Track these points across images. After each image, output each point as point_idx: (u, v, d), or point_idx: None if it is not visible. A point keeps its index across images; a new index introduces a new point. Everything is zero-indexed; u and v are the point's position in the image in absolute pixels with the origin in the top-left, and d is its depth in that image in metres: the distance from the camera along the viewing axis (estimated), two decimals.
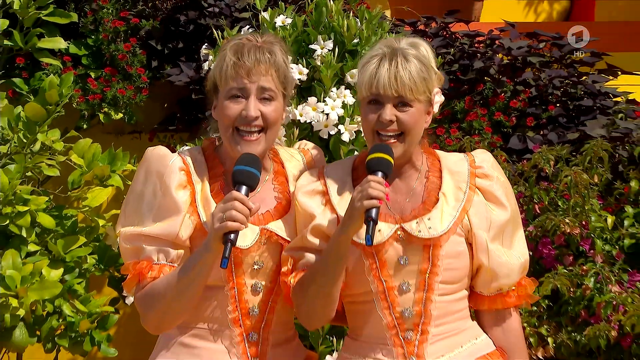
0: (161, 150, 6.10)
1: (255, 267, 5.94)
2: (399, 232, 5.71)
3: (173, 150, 6.14)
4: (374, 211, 5.40)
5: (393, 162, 5.58)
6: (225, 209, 5.50)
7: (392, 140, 5.63)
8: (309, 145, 6.59)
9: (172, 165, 5.90)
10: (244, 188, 5.54)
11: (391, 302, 5.83)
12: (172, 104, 9.91)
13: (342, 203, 5.75)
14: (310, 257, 5.77)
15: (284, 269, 5.90)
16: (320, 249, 5.77)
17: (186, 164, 6.00)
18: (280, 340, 6.06)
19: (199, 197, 5.95)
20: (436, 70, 5.92)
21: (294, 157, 6.35)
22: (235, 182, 5.63)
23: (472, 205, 5.86)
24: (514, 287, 5.98)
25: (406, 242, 5.73)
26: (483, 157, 5.97)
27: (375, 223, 5.47)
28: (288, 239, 5.94)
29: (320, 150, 6.63)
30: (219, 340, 5.97)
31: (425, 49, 5.84)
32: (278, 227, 5.93)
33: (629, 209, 9.11)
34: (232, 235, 5.47)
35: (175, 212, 5.84)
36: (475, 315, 6.11)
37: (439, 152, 6.18)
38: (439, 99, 6.29)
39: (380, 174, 5.45)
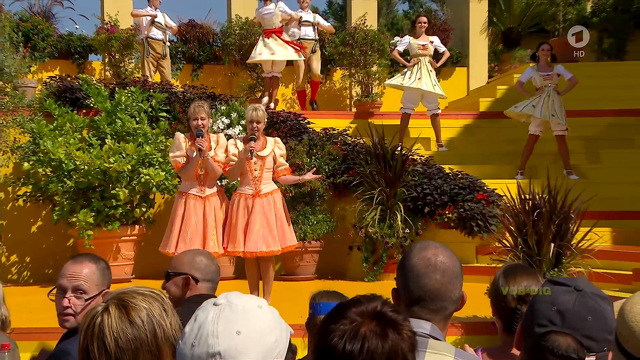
0: (179, 132, 7.79)
1: (201, 169, 7.45)
2: (255, 155, 7.33)
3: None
4: (252, 151, 7.20)
5: (256, 138, 7.18)
6: (198, 142, 7.20)
7: (257, 132, 7.30)
8: (221, 134, 7.91)
9: (181, 135, 7.53)
10: (202, 135, 7.22)
11: (251, 173, 7.49)
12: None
13: (240, 147, 7.39)
14: (232, 162, 7.41)
15: (225, 167, 7.51)
16: (235, 160, 7.40)
17: (185, 137, 7.48)
18: (212, 184, 7.56)
19: (188, 146, 7.37)
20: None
21: (214, 136, 7.66)
22: (197, 135, 7.27)
23: (274, 148, 7.53)
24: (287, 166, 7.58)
25: (257, 157, 7.43)
26: (277, 139, 7.76)
27: (252, 153, 7.29)
28: (209, 156, 7.35)
29: (223, 136, 7.89)
30: (192, 183, 7.50)
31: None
32: (210, 154, 7.36)
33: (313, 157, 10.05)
34: (201, 147, 7.22)
35: (183, 149, 7.39)
36: (280, 178, 7.60)
37: (266, 137, 7.60)
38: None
39: (253, 141, 7.26)
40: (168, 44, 12.62)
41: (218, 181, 7.77)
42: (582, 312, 1.98)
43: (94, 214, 9.72)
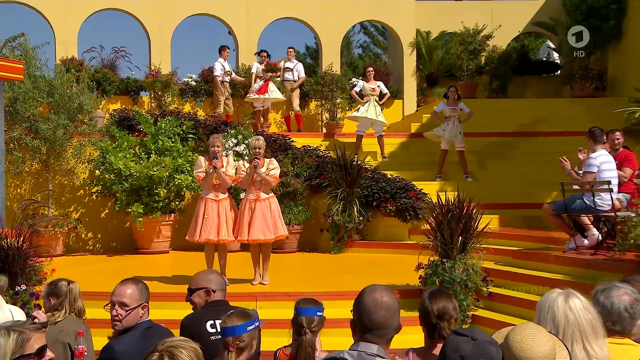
0: (201, 156, 7.04)
1: (216, 180, 6.80)
2: (257, 173, 6.64)
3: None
4: (257, 166, 6.54)
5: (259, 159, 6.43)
6: (214, 162, 6.56)
7: (259, 155, 6.52)
8: (230, 156, 7.19)
9: (202, 158, 6.86)
10: (217, 158, 6.62)
11: (254, 184, 6.77)
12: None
13: (247, 166, 6.68)
14: (243, 176, 6.71)
15: (233, 180, 6.74)
16: (245, 175, 6.66)
17: (205, 158, 6.81)
18: (224, 191, 6.86)
19: (207, 165, 6.72)
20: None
21: (225, 157, 6.91)
22: (213, 158, 6.65)
23: (268, 165, 6.66)
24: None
25: (257, 174, 6.66)
26: (272, 159, 6.74)
27: (257, 167, 6.59)
28: (222, 171, 6.65)
29: (232, 157, 7.22)
30: (210, 190, 6.83)
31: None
32: (222, 170, 6.73)
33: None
34: (216, 166, 6.62)
35: (203, 167, 6.76)
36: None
37: (265, 158, 6.70)
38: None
39: (257, 159, 6.54)
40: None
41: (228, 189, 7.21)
42: (476, 356, 1.93)
43: (143, 206, 9.39)
